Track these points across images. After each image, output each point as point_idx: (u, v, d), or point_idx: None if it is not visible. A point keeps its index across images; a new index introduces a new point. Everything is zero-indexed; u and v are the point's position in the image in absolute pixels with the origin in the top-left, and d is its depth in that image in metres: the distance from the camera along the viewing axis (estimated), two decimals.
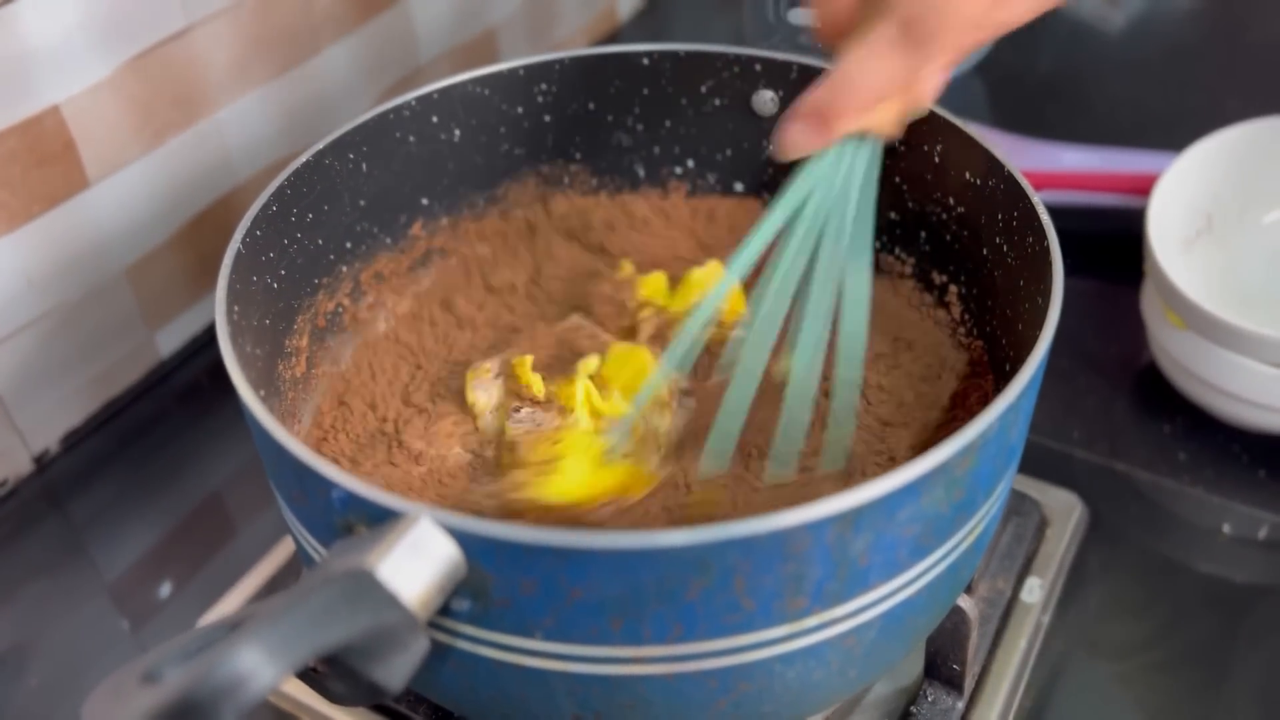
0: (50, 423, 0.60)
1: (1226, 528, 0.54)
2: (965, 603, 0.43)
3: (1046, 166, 0.69)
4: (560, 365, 0.46)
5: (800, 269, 0.39)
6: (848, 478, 0.42)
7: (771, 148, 0.40)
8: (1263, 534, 0.53)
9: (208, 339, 0.67)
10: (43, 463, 0.60)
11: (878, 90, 0.37)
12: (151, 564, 0.55)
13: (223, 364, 0.36)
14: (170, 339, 0.65)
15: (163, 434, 0.62)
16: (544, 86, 0.51)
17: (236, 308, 0.39)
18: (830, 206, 0.40)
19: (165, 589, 0.54)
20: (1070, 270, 0.38)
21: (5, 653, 0.51)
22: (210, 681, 0.24)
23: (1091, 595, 0.51)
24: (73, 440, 0.61)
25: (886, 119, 0.39)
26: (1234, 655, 0.48)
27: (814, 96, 0.38)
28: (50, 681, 0.50)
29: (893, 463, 0.43)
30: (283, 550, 0.53)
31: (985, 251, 0.45)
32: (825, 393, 0.43)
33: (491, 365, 0.46)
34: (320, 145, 0.45)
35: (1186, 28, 0.91)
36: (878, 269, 0.51)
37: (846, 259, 0.39)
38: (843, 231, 0.40)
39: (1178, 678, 0.48)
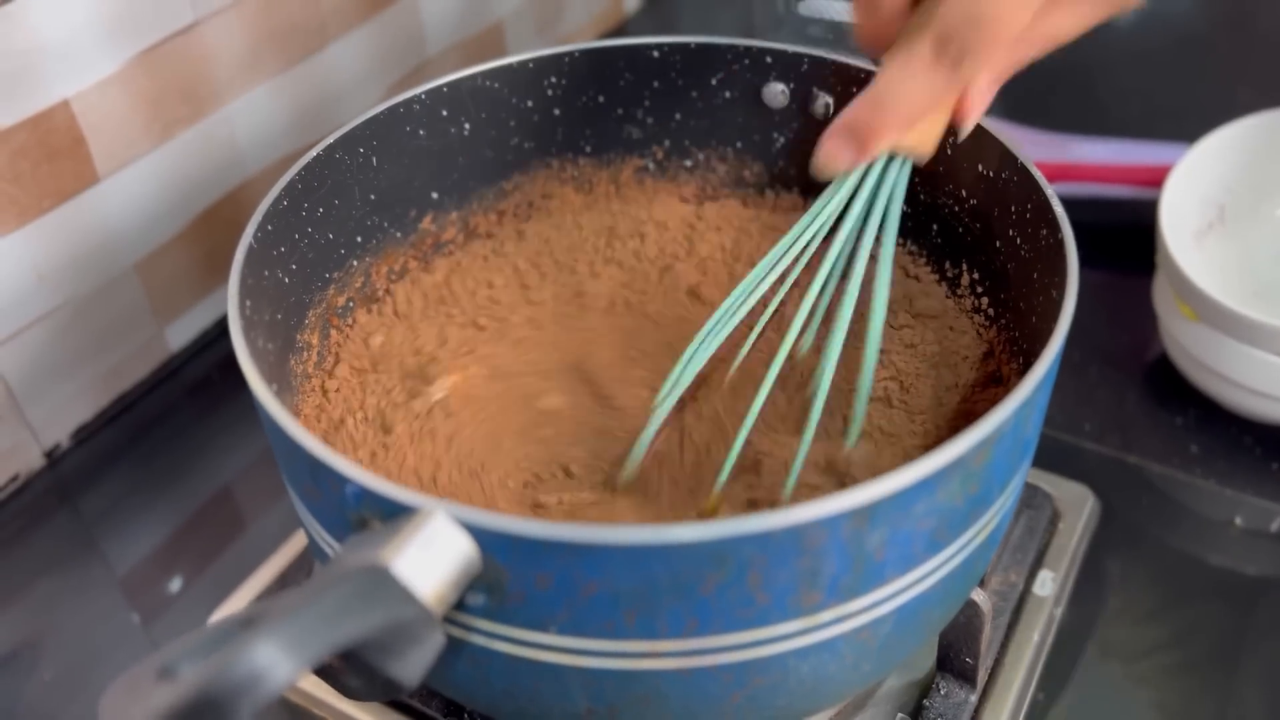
0: (61, 417, 0.60)
1: (1239, 520, 0.54)
2: (978, 596, 0.43)
3: (1057, 158, 0.69)
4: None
5: (833, 282, 0.40)
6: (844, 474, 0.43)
7: (812, 163, 0.39)
8: (1275, 526, 0.53)
9: (218, 333, 0.67)
10: (54, 457, 0.60)
11: (916, 108, 0.36)
12: (162, 559, 0.55)
13: (233, 358, 0.36)
14: (180, 333, 0.65)
15: (173, 428, 0.62)
16: (554, 80, 0.51)
17: (248, 302, 0.39)
18: (862, 222, 0.39)
19: (176, 584, 0.54)
20: (1082, 262, 0.37)
21: (17, 647, 0.51)
22: (228, 678, 0.24)
23: (1104, 588, 0.51)
24: (83, 435, 0.61)
25: (925, 137, 0.38)
26: (1246, 647, 0.48)
27: (851, 113, 0.37)
28: (62, 676, 0.50)
29: (907, 455, 0.43)
30: (294, 545, 0.53)
31: (998, 244, 0.45)
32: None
33: None
34: (330, 139, 0.45)
35: (1198, 18, 0.91)
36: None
37: (879, 275, 0.39)
38: (869, 239, 0.39)
39: (1190, 670, 0.48)
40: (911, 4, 0.36)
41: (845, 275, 0.40)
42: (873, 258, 0.40)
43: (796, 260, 0.41)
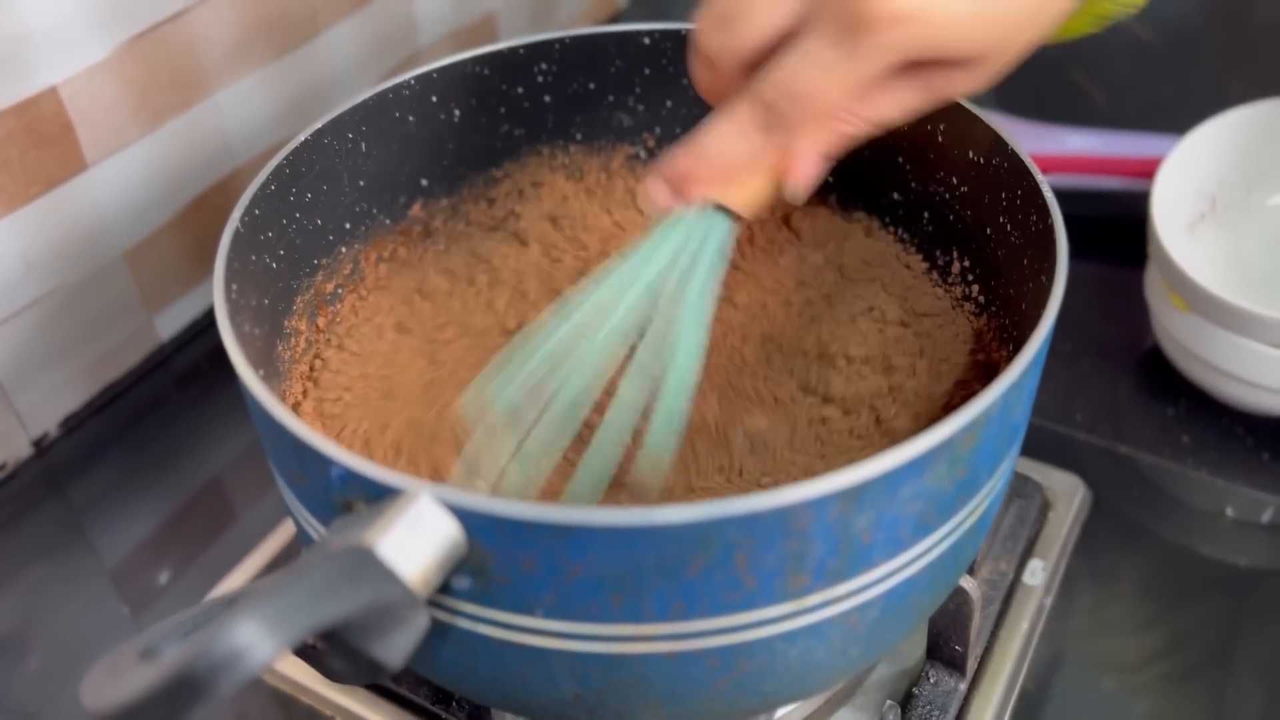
0: (49, 406, 0.59)
1: (1230, 510, 0.54)
2: (968, 584, 0.43)
3: (1049, 149, 0.69)
4: None
5: (635, 320, 0.38)
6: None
7: (639, 198, 0.39)
8: (1266, 517, 0.53)
9: (207, 322, 0.67)
10: (42, 446, 0.60)
11: (730, 165, 0.37)
12: (151, 548, 0.55)
13: (222, 347, 0.36)
14: (169, 322, 0.65)
15: (162, 418, 0.62)
16: (544, 66, 0.51)
17: (235, 287, 0.39)
18: (678, 267, 0.39)
19: (165, 573, 0.54)
20: (1073, 253, 0.37)
21: (5, 636, 0.51)
22: (208, 656, 0.24)
23: (1094, 578, 0.51)
24: (72, 424, 0.61)
25: (747, 195, 0.38)
26: (1236, 638, 0.48)
27: (673, 158, 0.38)
28: (50, 665, 0.50)
29: (895, 439, 0.43)
30: (282, 534, 0.53)
31: (989, 231, 0.45)
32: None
33: None
34: (319, 124, 0.45)
35: (1190, 9, 0.91)
36: (881, 242, 0.51)
37: (682, 319, 0.38)
38: (685, 291, 0.38)
39: (1180, 661, 0.48)
40: (748, 66, 0.37)
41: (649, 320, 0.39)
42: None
43: (621, 296, 0.39)
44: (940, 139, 0.46)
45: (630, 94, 0.52)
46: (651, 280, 0.39)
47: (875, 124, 0.36)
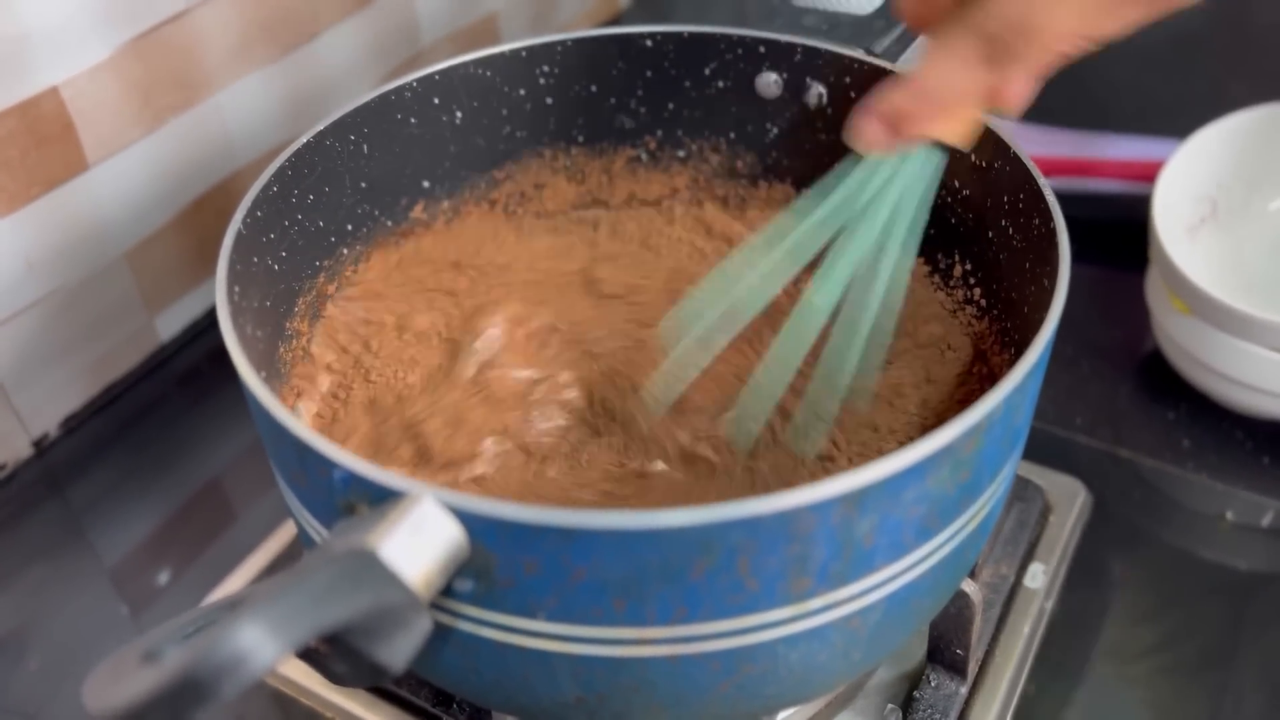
0: (49, 407, 0.59)
1: (1230, 514, 0.54)
2: (969, 587, 0.43)
3: (1050, 152, 0.69)
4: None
5: (855, 264, 0.39)
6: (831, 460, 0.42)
7: (846, 135, 0.39)
8: (1266, 521, 0.53)
9: (208, 323, 0.67)
10: (42, 447, 0.60)
11: (955, 101, 0.36)
12: (151, 549, 0.55)
13: (223, 348, 0.36)
14: (170, 323, 0.65)
15: (162, 418, 0.62)
16: (546, 68, 0.51)
17: (237, 289, 0.39)
18: (891, 207, 0.39)
19: (165, 574, 0.54)
20: (1074, 257, 0.37)
21: (4, 637, 0.51)
22: (211, 659, 0.24)
23: (1094, 581, 0.51)
24: (72, 424, 0.61)
25: (962, 129, 0.38)
26: (1237, 642, 0.48)
27: (891, 98, 0.37)
28: (49, 666, 0.50)
29: (897, 443, 0.43)
30: (283, 535, 0.53)
31: (990, 234, 0.45)
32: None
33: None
34: (321, 126, 0.45)
35: (1191, 12, 0.90)
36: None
37: (895, 259, 0.39)
38: (896, 232, 0.39)
39: (1180, 665, 0.48)
40: None
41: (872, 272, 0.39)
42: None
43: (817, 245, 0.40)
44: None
45: (632, 96, 0.52)
46: (874, 224, 0.39)
47: (1099, 42, 0.35)
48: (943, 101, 0.36)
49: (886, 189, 0.39)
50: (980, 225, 0.45)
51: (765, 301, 0.40)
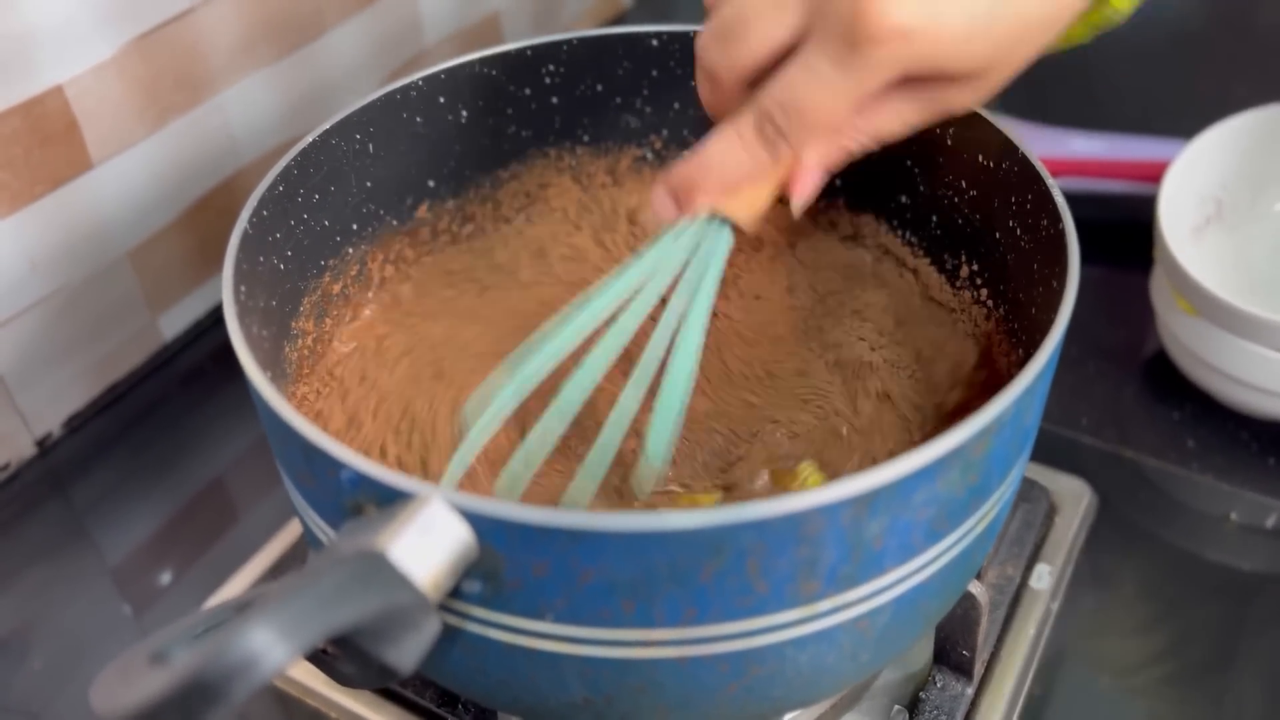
0: (53, 406, 0.59)
1: (1235, 515, 0.54)
2: (976, 589, 0.43)
3: (1055, 153, 0.68)
4: None
5: (636, 326, 0.39)
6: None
7: (646, 212, 0.40)
8: (1271, 522, 0.53)
9: (211, 323, 0.67)
10: (45, 446, 0.60)
11: (733, 177, 0.37)
12: (154, 548, 0.55)
13: (226, 348, 0.35)
14: (173, 322, 0.65)
15: (165, 418, 0.62)
16: (552, 68, 0.51)
17: (243, 288, 0.39)
18: (682, 276, 0.39)
19: (168, 574, 0.54)
20: (1079, 257, 0.37)
21: (7, 637, 0.51)
22: (221, 662, 0.24)
23: (1099, 582, 0.51)
24: (75, 424, 0.61)
25: (749, 206, 0.39)
26: (1241, 643, 0.48)
27: (677, 169, 0.38)
28: (53, 665, 0.50)
29: (888, 453, 0.43)
30: (286, 535, 0.53)
31: (998, 235, 0.45)
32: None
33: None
34: (327, 125, 0.45)
35: (1195, 13, 0.91)
36: (889, 251, 0.51)
37: (684, 327, 0.39)
38: (687, 299, 0.39)
39: (1185, 666, 0.48)
40: (750, 81, 0.37)
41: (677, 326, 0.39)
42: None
43: (626, 302, 0.40)
44: (949, 142, 0.46)
45: (638, 96, 0.52)
46: (655, 289, 0.39)
47: (875, 138, 0.37)
48: (723, 176, 0.37)
49: (677, 257, 0.39)
50: (987, 226, 0.45)
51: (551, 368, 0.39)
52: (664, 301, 0.40)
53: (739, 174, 0.37)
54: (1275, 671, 0.47)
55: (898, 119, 0.37)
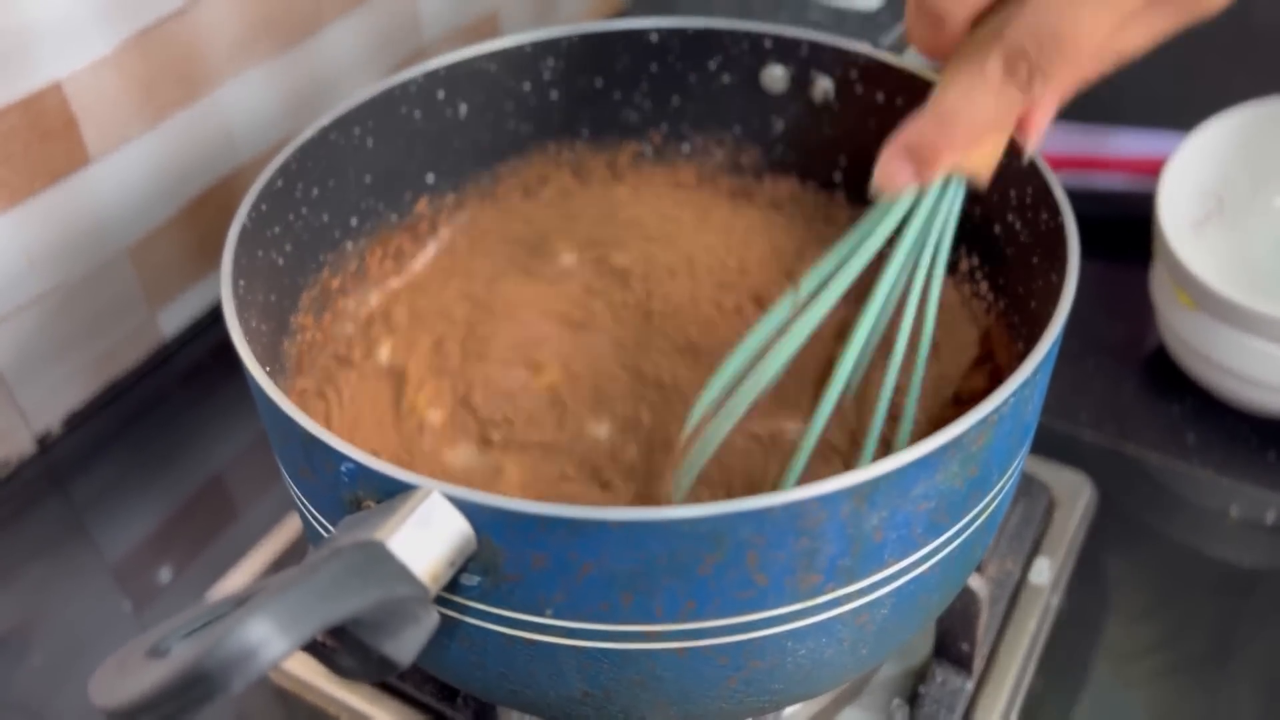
0: (52, 403, 0.59)
1: (1235, 510, 0.54)
2: (976, 583, 0.43)
3: (1053, 148, 0.68)
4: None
5: (893, 300, 0.38)
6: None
7: (872, 182, 0.37)
8: (1271, 517, 0.53)
9: (210, 319, 0.67)
10: (45, 443, 0.59)
11: (982, 128, 0.34)
12: (154, 545, 0.55)
13: (226, 344, 0.35)
14: (172, 319, 0.65)
15: (165, 414, 0.62)
16: (551, 63, 0.51)
17: (242, 282, 0.39)
18: (919, 243, 0.38)
19: (168, 570, 0.54)
20: (1079, 251, 0.37)
21: (7, 633, 0.51)
22: (219, 653, 0.24)
23: (1100, 577, 0.51)
24: (75, 421, 0.61)
25: (986, 159, 0.37)
26: (1240, 638, 0.48)
27: (914, 131, 0.35)
28: (53, 662, 0.50)
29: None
30: (286, 531, 0.53)
31: (997, 229, 0.45)
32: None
33: None
34: (326, 121, 0.45)
35: None
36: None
37: (926, 294, 0.38)
38: (925, 264, 0.38)
39: (1184, 660, 0.48)
40: (978, 16, 0.34)
41: (900, 304, 0.38)
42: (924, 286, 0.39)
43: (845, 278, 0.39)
44: None
45: (637, 90, 0.52)
46: (898, 265, 0.37)
47: (1124, 56, 0.34)
48: (970, 127, 0.34)
49: (911, 227, 0.37)
50: (987, 220, 0.45)
51: (787, 360, 0.38)
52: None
53: (987, 121, 0.34)
54: (1274, 665, 0.47)
55: (1148, 32, 0.33)
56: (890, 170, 0.36)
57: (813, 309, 0.38)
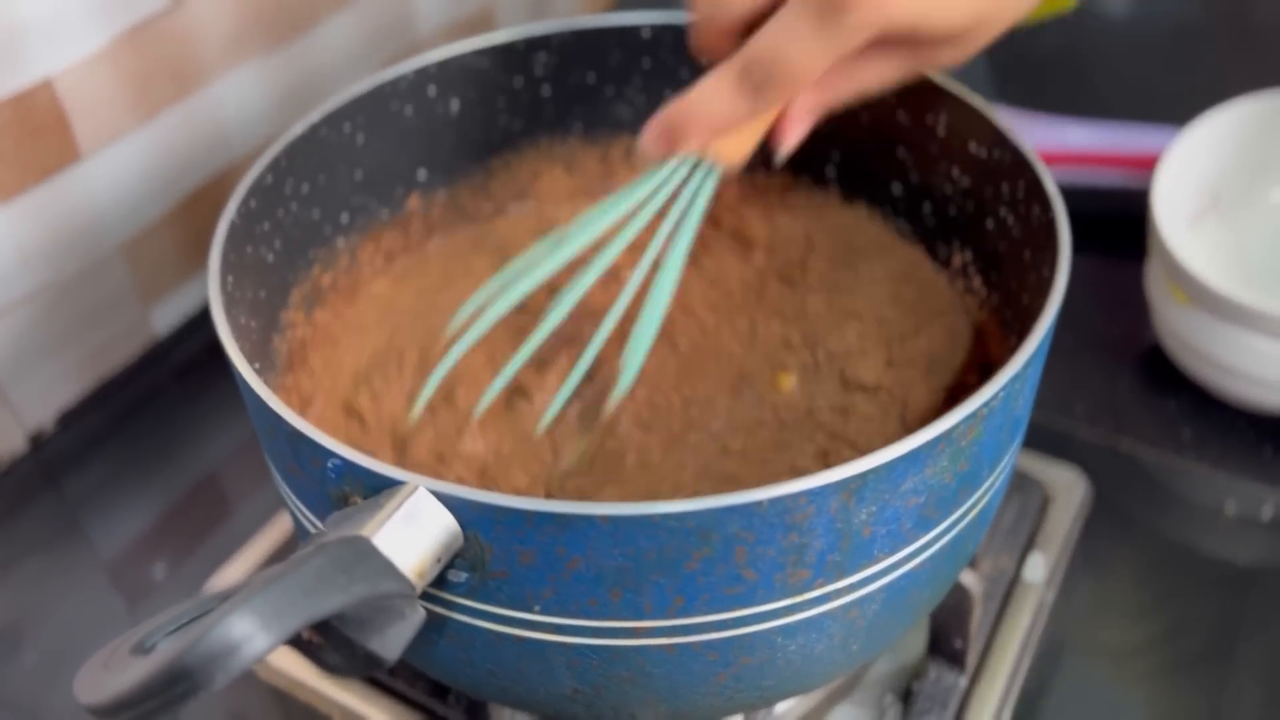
0: (45, 400, 0.59)
1: (1230, 506, 0.54)
2: (968, 579, 0.42)
3: (1049, 143, 0.68)
4: None
5: (618, 252, 0.41)
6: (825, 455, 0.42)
7: (636, 147, 0.41)
8: (1267, 512, 0.53)
9: (203, 316, 0.66)
10: (38, 441, 0.59)
11: (719, 121, 0.38)
12: (147, 542, 0.55)
13: (218, 341, 0.35)
14: (165, 316, 0.65)
15: (158, 411, 0.62)
16: (543, 58, 0.50)
17: (231, 279, 0.39)
18: (667, 213, 0.41)
19: (161, 566, 0.54)
20: (1073, 247, 0.37)
21: (0, 631, 0.51)
22: (202, 648, 0.24)
23: (1094, 573, 0.51)
24: (68, 418, 0.60)
25: (734, 149, 0.40)
26: (1236, 634, 0.48)
27: (671, 110, 0.39)
28: (46, 659, 0.50)
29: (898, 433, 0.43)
30: (278, 528, 0.53)
31: (990, 224, 0.44)
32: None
33: None
34: (316, 116, 0.45)
35: (1190, 1, 0.90)
36: (884, 240, 0.50)
37: (665, 262, 0.41)
38: (671, 236, 0.41)
39: (1180, 658, 0.48)
40: (740, 33, 0.39)
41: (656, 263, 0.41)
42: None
43: (611, 234, 0.42)
44: (942, 131, 0.46)
45: (629, 85, 0.52)
46: (640, 222, 0.41)
47: (854, 93, 0.38)
48: (708, 119, 0.38)
49: (664, 193, 0.40)
50: (979, 214, 0.45)
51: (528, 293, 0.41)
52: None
53: (723, 118, 0.38)
54: (1270, 661, 0.47)
55: (878, 76, 0.38)
56: (647, 140, 0.40)
57: (561, 252, 0.41)
